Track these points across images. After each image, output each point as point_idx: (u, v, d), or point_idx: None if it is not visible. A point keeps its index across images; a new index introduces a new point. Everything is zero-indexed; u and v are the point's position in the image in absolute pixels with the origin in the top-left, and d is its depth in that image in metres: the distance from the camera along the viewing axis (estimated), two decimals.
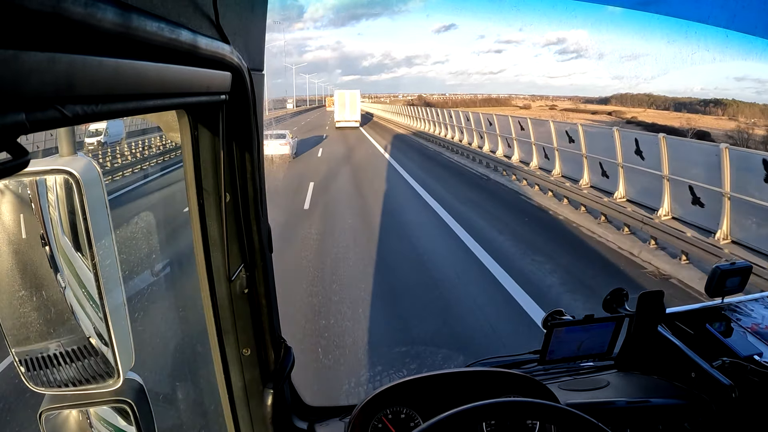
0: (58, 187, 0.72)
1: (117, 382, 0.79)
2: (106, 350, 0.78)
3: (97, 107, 0.46)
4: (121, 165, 13.55)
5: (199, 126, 1.02)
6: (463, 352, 4.99)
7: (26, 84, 0.35)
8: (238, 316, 1.28)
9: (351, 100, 41.44)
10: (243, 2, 1.06)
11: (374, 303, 6.51)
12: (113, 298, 0.76)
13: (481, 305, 6.39)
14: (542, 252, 8.66)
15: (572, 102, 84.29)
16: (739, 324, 1.82)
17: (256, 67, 1.14)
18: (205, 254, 1.16)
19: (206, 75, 0.78)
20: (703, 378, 1.62)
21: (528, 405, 1.19)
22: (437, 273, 7.61)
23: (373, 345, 5.43)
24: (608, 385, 1.74)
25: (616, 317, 1.75)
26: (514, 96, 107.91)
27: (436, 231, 10.15)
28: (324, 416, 1.66)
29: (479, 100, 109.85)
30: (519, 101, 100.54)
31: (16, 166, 0.37)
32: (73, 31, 0.39)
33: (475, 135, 21.39)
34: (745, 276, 1.86)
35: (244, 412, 1.38)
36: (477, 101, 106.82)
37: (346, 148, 25.70)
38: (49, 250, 0.74)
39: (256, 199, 1.22)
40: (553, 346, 1.70)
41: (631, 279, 7.59)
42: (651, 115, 56.49)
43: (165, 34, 0.56)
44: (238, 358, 1.33)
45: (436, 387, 1.53)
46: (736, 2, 1.88)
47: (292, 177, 16.75)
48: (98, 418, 0.90)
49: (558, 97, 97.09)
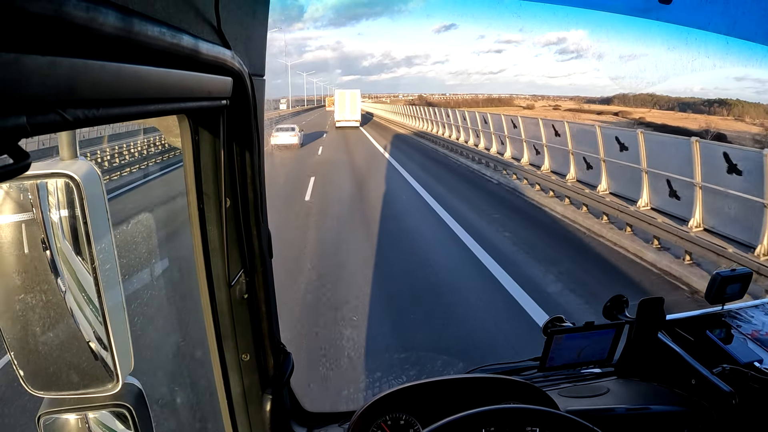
0: (59, 190, 0.72)
1: (116, 386, 0.79)
2: (105, 355, 0.77)
3: (98, 111, 0.46)
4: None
5: (199, 131, 1.03)
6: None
7: (28, 87, 0.35)
8: (237, 321, 1.28)
9: (351, 100, 41.50)
10: (244, 8, 1.07)
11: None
12: (113, 302, 0.76)
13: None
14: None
15: (575, 102, 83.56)
16: (740, 330, 1.82)
17: (257, 72, 1.15)
18: (205, 259, 1.16)
19: (207, 80, 0.79)
20: (704, 385, 1.62)
21: (528, 412, 1.18)
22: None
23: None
24: (608, 391, 1.73)
25: (616, 324, 1.75)
26: (516, 96, 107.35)
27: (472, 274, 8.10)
28: (323, 422, 1.65)
29: (481, 100, 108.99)
30: (521, 101, 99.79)
31: (17, 169, 0.38)
32: (74, 35, 0.39)
33: (494, 140, 19.12)
34: (745, 282, 1.85)
35: (243, 417, 1.38)
36: (479, 101, 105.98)
37: (346, 151, 25.80)
38: (49, 254, 0.74)
39: (256, 204, 1.22)
40: (553, 353, 1.69)
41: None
42: (656, 115, 55.46)
43: (166, 39, 0.56)
44: (238, 364, 1.33)
45: (435, 393, 1.53)
46: (737, 9, 1.89)
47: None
48: (97, 422, 0.89)
49: (559, 97, 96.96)
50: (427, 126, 33.10)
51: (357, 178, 16.68)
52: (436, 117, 30.16)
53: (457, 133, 24.98)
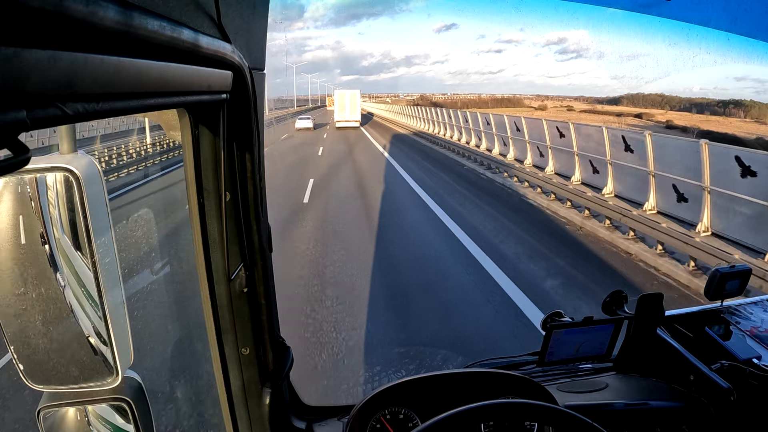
0: (59, 184, 0.72)
1: (116, 380, 0.79)
2: (105, 348, 0.78)
3: (98, 105, 0.46)
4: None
5: (199, 125, 1.02)
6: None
7: (27, 81, 0.35)
8: (237, 315, 1.28)
9: (351, 100, 41.50)
10: (245, 1, 1.06)
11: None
12: (112, 297, 0.76)
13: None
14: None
15: (587, 103, 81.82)
16: (738, 327, 1.82)
17: (257, 66, 1.14)
18: (205, 253, 1.16)
19: (207, 74, 0.78)
20: (702, 381, 1.62)
21: (526, 406, 1.19)
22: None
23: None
24: (607, 387, 1.74)
25: (615, 319, 1.75)
26: (524, 96, 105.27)
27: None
28: (322, 416, 1.66)
29: (489, 100, 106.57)
30: (531, 101, 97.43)
31: (16, 163, 0.37)
32: (74, 29, 0.39)
33: (530, 151, 16.30)
34: (744, 279, 1.86)
35: (242, 411, 1.38)
36: (486, 101, 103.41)
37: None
38: (48, 249, 0.74)
39: (256, 198, 1.22)
40: (552, 348, 1.70)
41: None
42: (675, 116, 54.17)
43: (166, 33, 0.56)
44: (237, 358, 1.33)
45: (434, 388, 1.53)
46: (738, 5, 1.88)
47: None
48: (96, 416, 0.90)
49: (565, 97, 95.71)
50: (436, 129, 30.39)
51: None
52: (445, 119, 27.85)
53: (475, 139, 21.89)
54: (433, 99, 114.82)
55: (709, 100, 53.87)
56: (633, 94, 69.51)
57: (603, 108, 72.00)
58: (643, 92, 67.36)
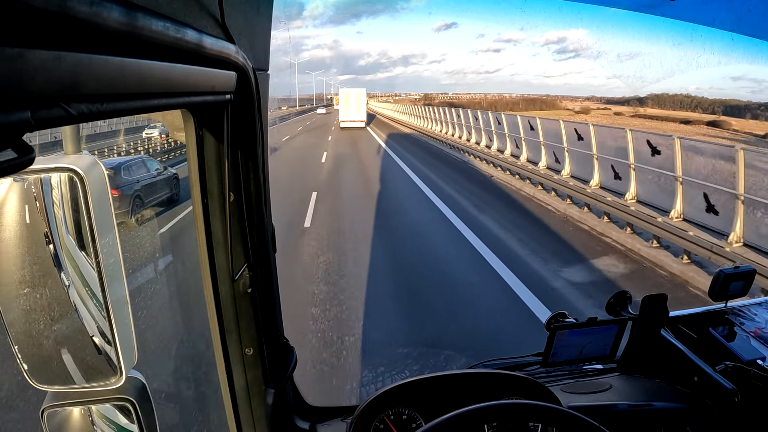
0: (63, 185, 0.72)
1: (119, 380, 0.80)
2: (108, 348, 0.78)
3: (102, 106, 0.46)
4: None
5: (203, 125, 1.03)
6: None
7: (32, 82, 0.35)
8: (241, 315, 1.28)
9: (356, 100, 40.93)
10: (249, 2, 1.06)
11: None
12: (116, 297, 0.76)
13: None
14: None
15: (631, 107, 74.40)
16: (743, 328, 1.81)
17: (261, 66, 1.15)
18: (209, 253, 1.17)
19: (211, 75, 0.78)
20: (706, 382, 1.62)
21: (530, 407, 1.18)
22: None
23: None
24: (611, 388, 1.73)
25: (619, 320, 1.74)
26: (562, 98, 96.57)
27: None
28: (326, 416, 1.65)
29: (521, 100, 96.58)
30: (569, 103, 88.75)
31: (21, 163, 0.38)
32: (78, 29, 0.39)
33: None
34: (748, 280, 1.85)
35: (245, 411, 1.38)
36: (520, 102, 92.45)
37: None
38: (53, 248, 0.74)
39: (259, 198, 1.22)
40: (556, 349, 1.69)
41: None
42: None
43: (170, 34, 0.56)
44: (241, 358, 1.33)
45: (438, 388, 1.53)
46: (742, 5, 1.88)
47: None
48: (100, 415, 0.90)
49: (590, 98, 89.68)
50: (465, 136, 23.13)
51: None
52: (472, 122, 21.59)
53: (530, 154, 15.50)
54: (451, 100, 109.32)
55: (750, 103, 50.34)
56: (658, 94, 67.75)
57: (659, 112, 66.67)
58: (668, 93, 65.18)
